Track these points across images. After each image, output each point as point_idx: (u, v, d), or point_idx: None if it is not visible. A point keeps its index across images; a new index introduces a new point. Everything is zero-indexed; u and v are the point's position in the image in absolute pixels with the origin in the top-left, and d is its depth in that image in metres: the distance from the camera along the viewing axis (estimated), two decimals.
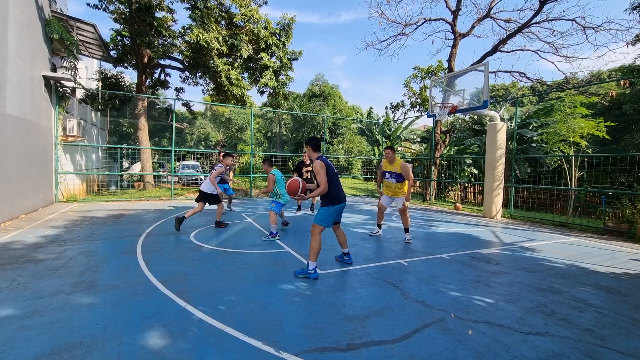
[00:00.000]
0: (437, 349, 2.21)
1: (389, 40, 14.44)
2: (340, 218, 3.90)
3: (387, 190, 5.61)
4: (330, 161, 3.82)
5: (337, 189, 3.73)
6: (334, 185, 3.70)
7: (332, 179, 3.68)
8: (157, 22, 10.96)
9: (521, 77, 13.46)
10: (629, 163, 9.56)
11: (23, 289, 3.01)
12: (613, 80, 16.15)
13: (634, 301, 3.18)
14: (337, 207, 3.73)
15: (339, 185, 3.79)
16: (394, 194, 5.52)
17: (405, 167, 5.23)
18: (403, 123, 18.09)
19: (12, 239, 4.89)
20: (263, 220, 7.24)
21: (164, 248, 4.63)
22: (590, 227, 7.31)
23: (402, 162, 5.25)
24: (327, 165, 3.66)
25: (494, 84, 25.75)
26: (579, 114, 9.66)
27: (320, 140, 4.14)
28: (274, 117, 27.44)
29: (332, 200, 3.70)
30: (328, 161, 3.76)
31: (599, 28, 10.91)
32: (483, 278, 3.71)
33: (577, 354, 2.21)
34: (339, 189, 3.76)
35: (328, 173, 3.63)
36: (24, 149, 6.97)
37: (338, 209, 3.75)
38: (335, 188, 3.71)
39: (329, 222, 3.71)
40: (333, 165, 3.80)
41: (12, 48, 6.41)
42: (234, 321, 2.51)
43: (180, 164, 18.89)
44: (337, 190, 3.73)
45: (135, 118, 13.23)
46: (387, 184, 5.55)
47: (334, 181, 3.71)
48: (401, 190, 5.42)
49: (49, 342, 2.17)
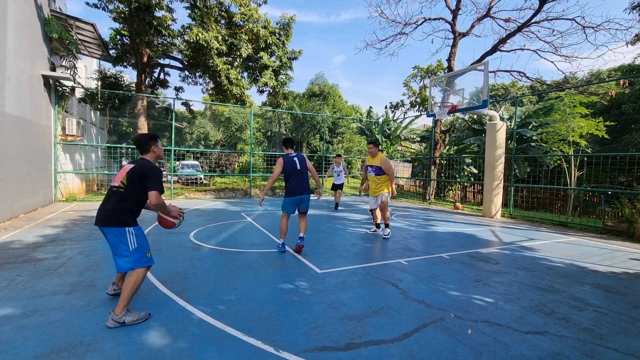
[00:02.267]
0: (436, 348, 2.21)
1: (389, 40, 14.44)
2: (304, 209, 4.53)
3: (370, 191, 5.71)
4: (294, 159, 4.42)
5: (292, 184, 4.38)
6: (290, 180, 4.39)
7: (288, 174, 4.39)
8: (156, 22, 10.94)
9: (521, 77, 13.46)
10: (628, 162, 9.56)
11: (22, 289, 3.01)
12: (612, 79, 16.17)
13: (633, 300, 3.19)
14: (292, 198, 4.41)
15: (298, 181, 4.39)
16: (374, 193, 5.60)
17: (385, 161, 5.34)
18: (403, 122, 18.09)
19: (12, 238, 4.88)
20: (263, 219, 7.25)
21: (164, 247, 4.63)
22: (589, 227, 7.31)
23: (383, 157, 5.38)
24: (284, 163, 4.38)
25: (494, 84, 25.75)
26: (578, 114, 9.67)
27: (289, 140, 4.65)
28: (274, 116, 27.43)
29: (287, 192, 4.45)
30: (290, 159, 4.41)
31: (599, 27, 10.91)
32: (482, 277, 3.71)
33: (577, 353, 2.21)
34: (295, 183, 4.38)
35: (284, 170, 4.38)
36: (23, 149, 6.96)
37: (293, 200, 4.42)
38: (291, 182, 4.39)
39: (290, 210, 4.45)
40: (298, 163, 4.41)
41: (11, 47, 6.39)
42: (233, 320, 2.51)
43: (179, 163, 18.88)
44: (293, 184, 4.38)
45: (134, 117, 13.22)
46: (370, 179, 5.63)
47: (291, 177, 4.39)
48: (380, 189, 5.49)
49: (49, 341, 2.17)
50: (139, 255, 2.51)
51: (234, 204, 10.03)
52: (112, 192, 2.56)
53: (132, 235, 2.50)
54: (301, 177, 4.42)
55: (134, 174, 2.53)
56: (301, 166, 4.42)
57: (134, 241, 2.50)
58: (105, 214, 2.50)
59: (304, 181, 4.44)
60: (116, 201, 2.51)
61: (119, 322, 2.37)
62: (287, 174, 4.40)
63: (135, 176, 2.52)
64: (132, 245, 2.48)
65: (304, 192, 4.42)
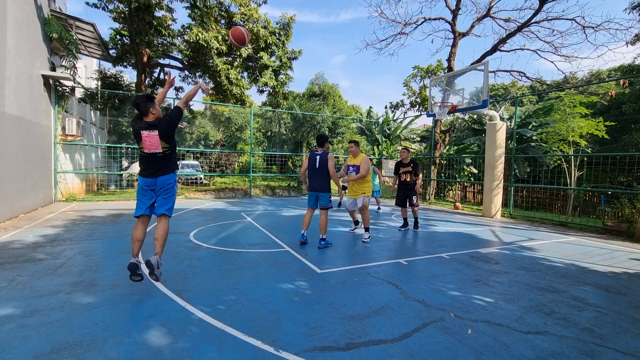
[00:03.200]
0: (436, 348, 2.21)
1: (389, 40, 14.44)
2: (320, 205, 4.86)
3: (350, 192, 5.56)
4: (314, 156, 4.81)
5: (310, 179, 4.86)
6: (309, 174, 4.86)
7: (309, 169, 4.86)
8: (156, 21, 10.94)
9: (521, 77, 13.47)
10: (628, 162, 9.57)
11: (22, 288, 3.00)
12: (612, 79, 16.17)
13: (633, 300, 3.19)
14: (309, 192, 4.91)
15: (313, 177, 4.81)
16: (354, 194, 5.44)
17: (365, 161, 5.26)
18: (403, 122, 18.09)
19: (12, 238, 4.88)
20: (263, 219, 7.25)
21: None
22: (589, 227, 7.31)
23: (364, 157, 5.31)
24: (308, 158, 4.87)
25: (494, 84, 25.75)
26: (578, 114, 9.68)
27: (318, 137, 5.00)
28: (274, 116, 27.40)
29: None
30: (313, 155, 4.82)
31: (599, 27, 10.91)
32: (482, 277, 3.72)
33: (576, 353, 2.21)
34: (311, 179, 4.84)
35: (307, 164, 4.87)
36: (23, 148, 6.95)
37: (309, 194, 4.91)
38: (309, 177, 4.88)
39: (309, 203, 4.96)
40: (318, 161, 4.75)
41: (11, 47, 6.39)
42: (233, 320, 2.51)
43: (179, 163, 18.87)
44: (310, 180, 4.86)
45: None
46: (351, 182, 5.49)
47: (309, 172, 4.85)
48: (360, 190, 5.39)
49: (49, 341, 2.17)
50: (172, 204, 3.19)
51: (234, 203, 10.03)
52: (159, 158, 3.03)
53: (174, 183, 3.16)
54: (315, 174, 4.79)
55: (165, 134, 2.98)
56: (320, 164, 4.74)
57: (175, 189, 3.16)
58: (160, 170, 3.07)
59: (317, 178, 4.78)
60: (167, 159, 3.09)
61: (160, 263, 2.98)
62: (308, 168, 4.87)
63: (165, 133, 2.97)
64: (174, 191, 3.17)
65: (315, 188, 4.79)
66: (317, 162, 4.73)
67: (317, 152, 4.80)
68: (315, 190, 4.78)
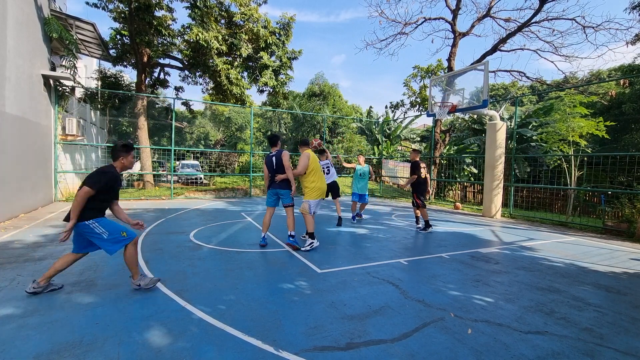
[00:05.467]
0: (436, 348, 2.21)
1: (389, 40, 14.45)
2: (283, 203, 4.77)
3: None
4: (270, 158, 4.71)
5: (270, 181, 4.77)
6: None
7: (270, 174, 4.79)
8: (156, 21, 10.94)
9: (521, 77, 13.47)
10: (628, 162, 9.55)
11: (23, 288, 3.00)
12: (613, 79, 16.17)
13: (633, 300, 3.19)
14: (269, 191, 4.86)
15: (272, 179, 4.71)
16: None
17: (301, 156, 4.79)
18: (403, 122, 18.09)
19: (12, 238, 4.88)
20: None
21: (164, 247, 4.63)
22: (589, 227, 7.31)
23: (305, 152, 4.78)
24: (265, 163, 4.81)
25: (494, 83, 25.75)
26: (578, 114, 9.67)
27: (270, 138, 4.87)
28: (274, 116, 27.42)
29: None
30: (267, 158, 4.76)
31: (599, 27, 10.91)
32: (482, 277, 3.72)
33: (576, 352, 2.21)
34: (271, 181, 4.74)
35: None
36: (23, 148, 6.96)
37: (269, 192, 4.86)
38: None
39: (267, 201, 4.91)
40: (269, 163, 4.69)
41: (11, 46, 6.39)
42: (233, 320, 2.51)
43: (179, 163, 18.86)
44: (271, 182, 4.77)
45: (134, 117, 13.21)
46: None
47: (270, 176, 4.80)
48: (305, 190, 4.89)
49: (49, 341, 2.17)
50: (114, 237, 2.90)
51: (234, 203, 10.03)
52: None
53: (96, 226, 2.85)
54: (276, 175, 4.70)
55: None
56: (277, 165, 4.65)
57: (102, 230, 2.86)
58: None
59: (275, 176, 4.71)
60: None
61: (136, 284, 2.99)
62: (269, 173, 4.78)
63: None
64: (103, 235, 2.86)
65: (275, 186, 4.72)
66: (274, 163, 4.64)
67: (272, 154, 4.70)
68: (276, 188, 4.69)
